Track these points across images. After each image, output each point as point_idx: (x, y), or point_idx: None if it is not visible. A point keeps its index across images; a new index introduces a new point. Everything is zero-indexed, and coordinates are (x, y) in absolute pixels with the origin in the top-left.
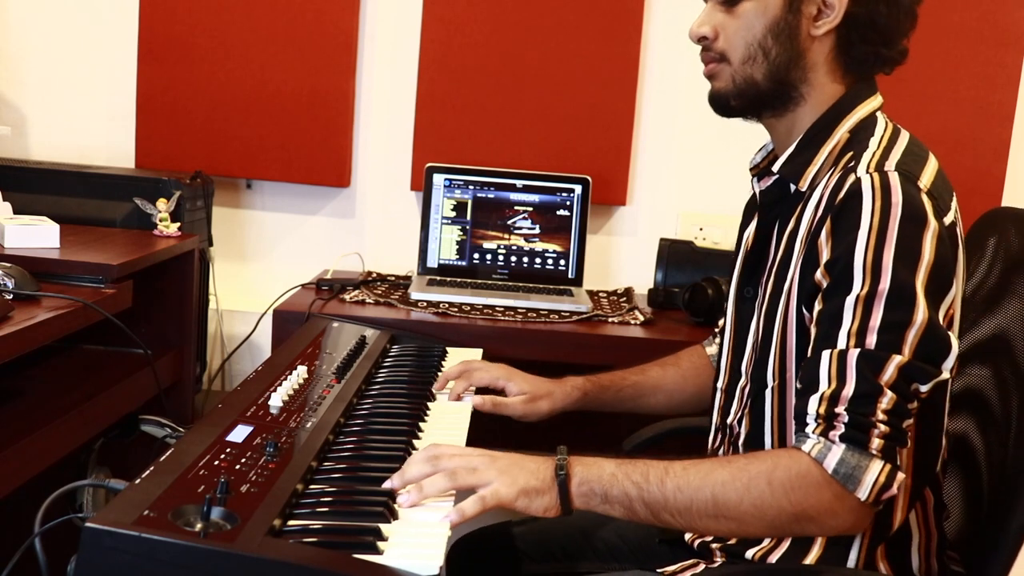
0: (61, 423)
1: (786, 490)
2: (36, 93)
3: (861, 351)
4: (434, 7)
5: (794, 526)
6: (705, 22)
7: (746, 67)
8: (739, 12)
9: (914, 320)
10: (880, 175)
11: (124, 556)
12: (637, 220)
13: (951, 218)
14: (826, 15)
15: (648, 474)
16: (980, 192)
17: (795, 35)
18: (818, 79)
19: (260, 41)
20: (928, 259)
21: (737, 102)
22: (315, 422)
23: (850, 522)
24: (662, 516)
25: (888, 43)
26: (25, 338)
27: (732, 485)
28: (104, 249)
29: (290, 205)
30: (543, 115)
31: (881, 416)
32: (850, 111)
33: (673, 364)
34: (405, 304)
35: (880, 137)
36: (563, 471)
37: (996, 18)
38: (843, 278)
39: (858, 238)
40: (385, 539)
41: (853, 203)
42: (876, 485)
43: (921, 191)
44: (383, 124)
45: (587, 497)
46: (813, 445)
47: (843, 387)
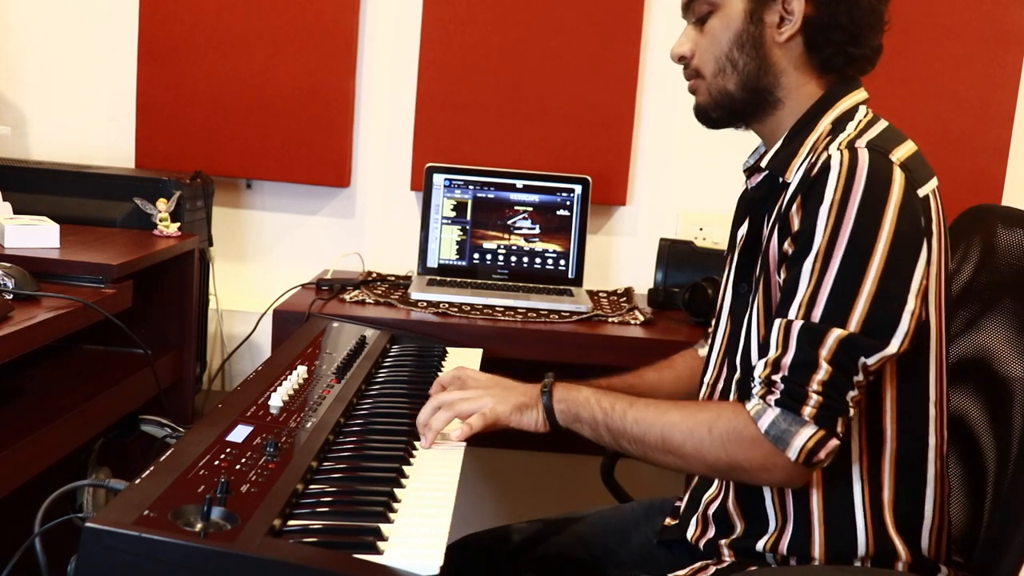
0: (61, 423)
1: (723, 441)
2: (36, 93)
3: (804, 323)
4: (434, 7)
5: (730, 473)
6: (683, 42)
7: (718, 80)
8: (707, 29)
9: (861, 292)
10: (850, 151)
11: (124, 556)
12: (637, 220)
13: (926, 191)
14: (787, 22)
15: (615, 404)
16: (980, 192)
17: (760, 44)
18: (792, 82)
19: (260, 41)
20: (890, 228)
21: (717, 113)
22: (315, 422)
23: (780, 478)
24: (621, 443)
25: (854, 42)
26: (25, 338)
27: (679, 427)
28: (104, 249)
29: (290, 205)
30: (543, 115)
31: (816, 387)
32: (832, 105)
33: (668, 367)
34: (405, 304)
35: (858, 122)
36: (547, 390)
37: (996, 18)
38: (804, 247)
39: (821, 210)
40: (385, 539)
41: (822, 177)
42: (804, 449)
43: (893, 163)
44: (383, 124)
45: (564, 414)
46: (753, 405)
47: (784, 355)
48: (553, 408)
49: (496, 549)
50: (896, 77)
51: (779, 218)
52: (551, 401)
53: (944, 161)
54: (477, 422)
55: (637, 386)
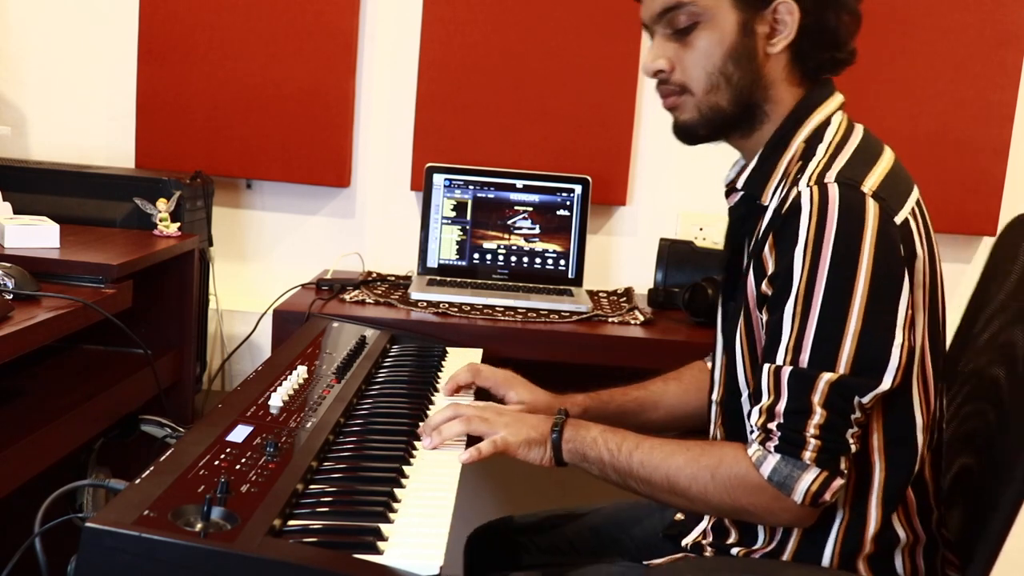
0: (61, 423)
1: (727, 487)
2: (36, 93)
3: (793, 370)
4: (434, 7)
5: (736, 516)
6: (659, 55)
7: (711, 96)
8: (694, 43)
9: (847, 332)
10: (819, 188)
11: (124, 556)
12: (637, 220)
13: (903, 215)
14: (780, 32)
15: (622, 445)
16: (980, 192)
17: (753, 56)
18: (779, 94)
19: (260, 41)
20: (867, 263)
21: (705, 130)
22: (315, 422)
23: (788, 520)
24: (628, 483)
25: (839, 46)
26: (25, 338)
27: (684, 471)
28: (104, 249)
29: (290, 205)
30: (543, 115)
31: (813, 431)
32: (806, 118)
33: (675, 379)
34: (405, 304)
35: (828, 144)
36: (557, 428)
37: (996, 18)
38: (782, 290)
39: (796, 252)
40: (385, 539)
41: (793, 218)
42: (809, 492)
43: (865, 195)
44: (383, 124)
45: (572, 454)
46: (754, 452)
47: (777, 402)
48: (561, 449)
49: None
50: (896, 77)
51: (754, 252)
52: (560, 440)
53: (944, 161)
54: (487, 448)
55: (641, 398)
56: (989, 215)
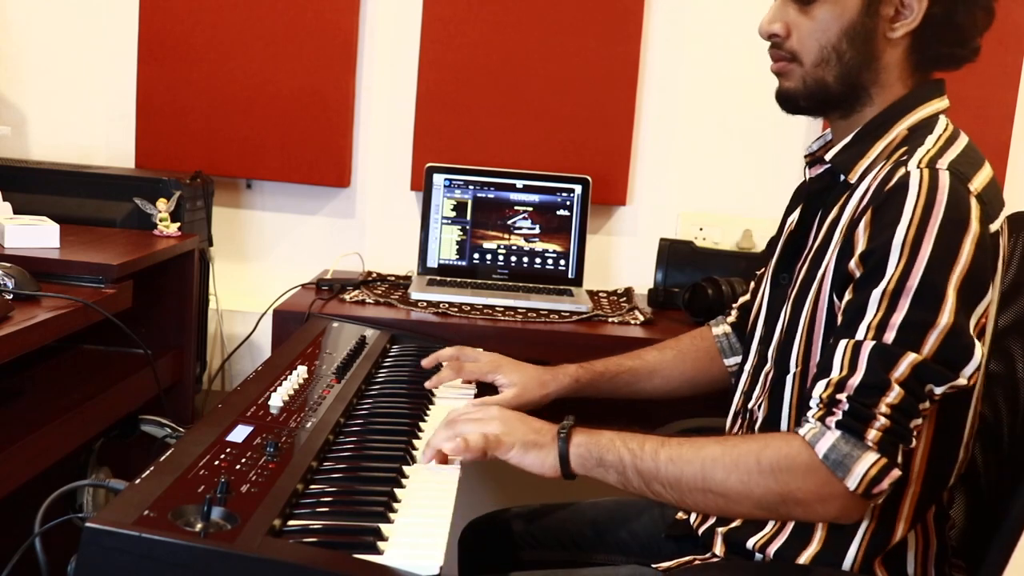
0: (61, 423)
1: (773, 470)
2: (36, 93)
3: (876, 343)
4: (434, 7)
5: (780, 508)
6: (777, 18)
7: (818, 70)
8: (814, 13)
9: (938, 322)
10: (931, 171)
11: (124, 556)
12: (637, 220)
13: (997, 227)
14: (904, 17)
15: (644, 444)
16: None
17: (871, 38)
18: (889, 79)
19: (260, 41)
20: (965, 262)
21: (807, 103)
22: (315, 422)
23: (837, 510)
24: (653, 486)
25: (963, 42)
26: (25, 338)
27: (721, 460)
28: (104, 249)
29: (290, 205)
30: (543, 115)
31: (884, 409)
32: (912, 109)
33: (672, 347)
34: (405, 304)
35: (938, 136)
36: (564, 431)
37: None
38: (875, 270)
39: (897, 231)
40: (385, 539)
41: (898, 196)
42: (867, 476)
43: (971, 193)
44: (383, 124)
45: (583, 459)
46: (809, 429)
47: (852, 375)
48: (569, 454)
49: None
50: None
51: (841, 226)
52: (567, 447)
53: None
54: (475, 440)
55: (636, 368)
56: None
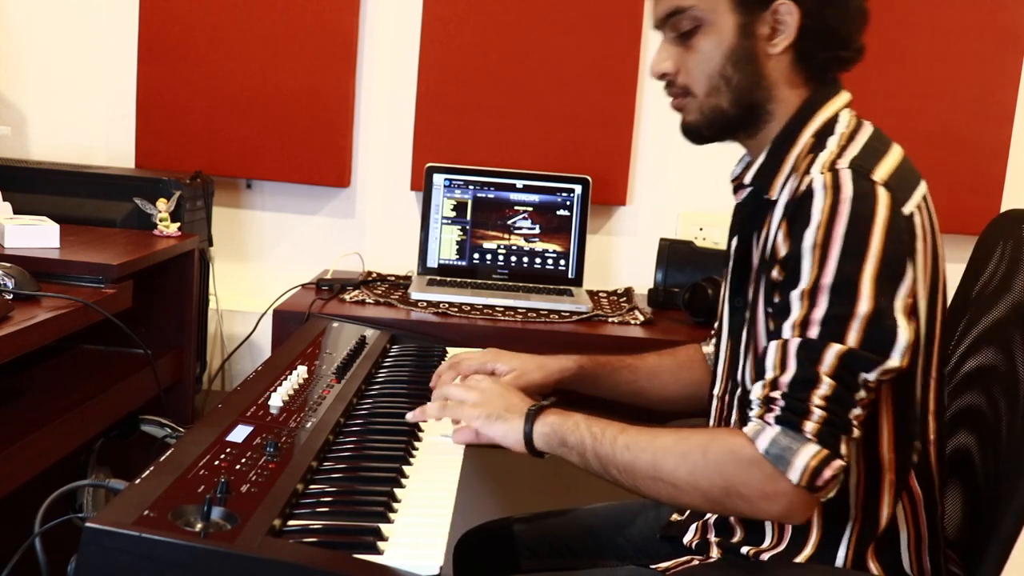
0: (61, 423)
1: (719, 464)
2: (36, 93)
3: (802, 340)
4: (434, 7)
5: (726, 501)
6: (664, 58)
7: (711, 98)
8: (695, 46)
9: (856, 312)
10: (832, 173)
11: (124, 556)
12: (637, 220)
13: (912, 207)
14: (780, 32)
15: (606, 429)
16: (980, 192)
17: (753, 58)
18: (782, 94)
19: (260, 41)
20: (876, 252)
21: (709, 131)
22: (315, 422)
23: (782, 505)
24: (610, 470)
25: (845, 45)
26: (25, 338)
27: (672, 451)
28: (104, 249)
29: (290, 205)
30: (543, 115)
31: (819, 402)
32: (813, 115)
33: (670, 355)
34: (405, 304)
35: (839, 135)
36: (535, 408)
37: (996, 18)
38: (793, 273)
39: (807, 234)
40: (385, 539)
41: (807, 202)
42: (808, 468)
43: (876, 183)
44: (383, 124)
45: (548, 438)
46: (752, 427)
47: (783, 373)
48: (534, 431)
49: (501, 543)
50: (896, 77)
51: (767, 242)
52: (533, 424)
53: (944, 161)
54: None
55: (638, 366)
56: (989, 215)
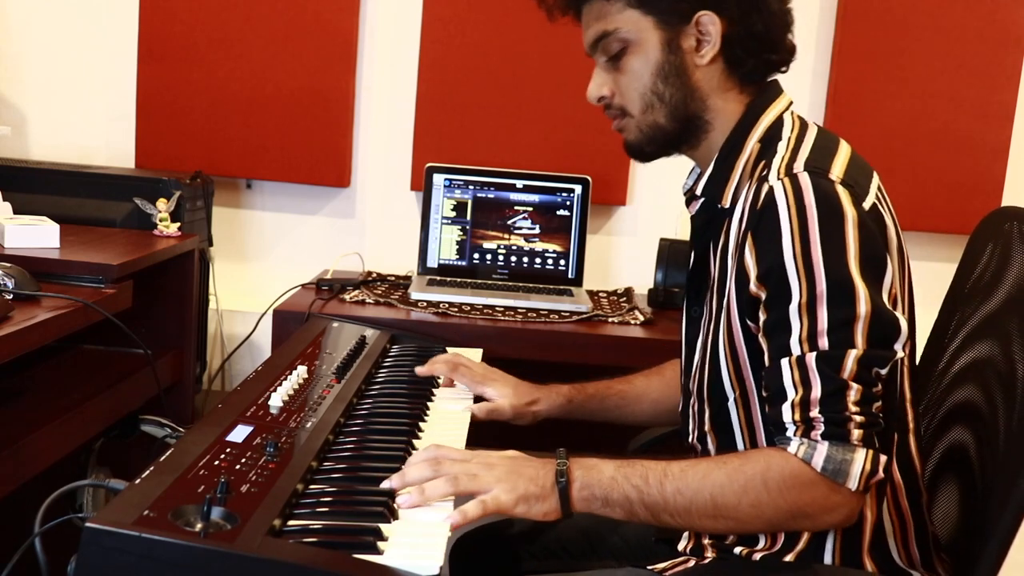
0: (61, 423)
1: (781, 490)
2: (36, 93)
3: (817, 353)
4: (434, 7)
5: (791, 523)
6: (601, 84)
7: (647, 116)
8: (625, 67)
9: (859, 313)
10: (791, 179)
11: (124, 556)
12: (637, 220)
13: (871, 200)
14: (706, 43)
15: (648, 477)
16: (980, 192)
17: (682, 72)
18: (717, 103)
19: (260, 41)
20: (855, 248)
21: (651, 148)
22: (315, 422)
23: (844, 514)
24: (662, 517)
25: (773, 48)
26: (25, 338)
27: (730, 487)
28: (104, 249)
29: (290, 205)
30: (543, 115)
31: (853, 408)
32: (756, 121)
33: (657, 374)
34: (405, 304)
35: (787, 140)
36: (564, 477)
37: (996, 18)
38: (780, 287)
39: (783, 245)
40: (385, 539)
41: (771, 212)
42: (864, 473)
43: (834, 183)
44: (383, 124)
45: (588, 501)
46: (798, 447)
47: (810, 391)
48: (572, 498)
49: (498, 545)
50: (896, 77)
51: (730, 253)
52: (569, 491)
53: (944, 161)
54: (474, 511)
55: (625, 391)
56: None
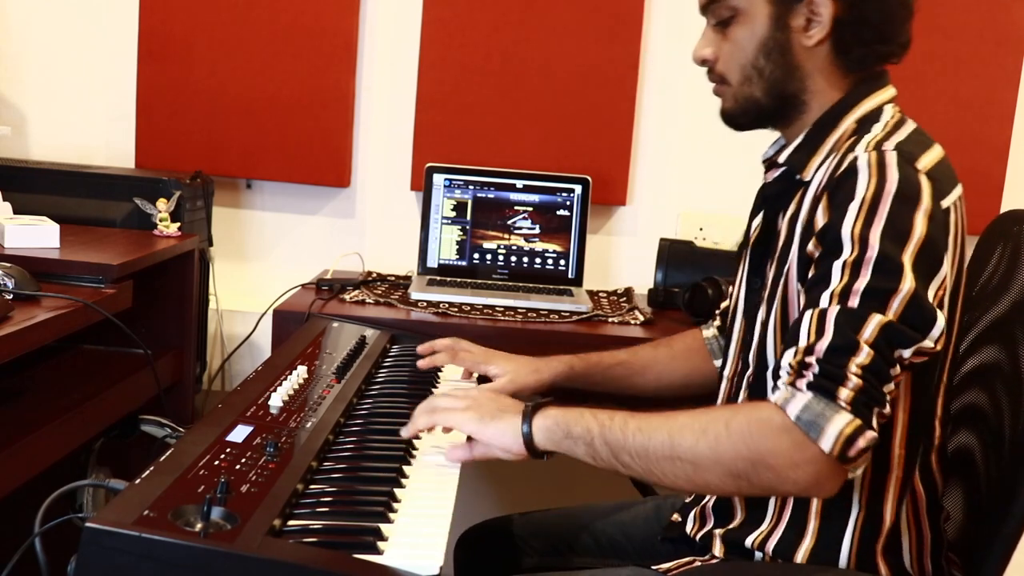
0: (61, 423)
1: (743, 434)
2: (36, 93)
3: (842, 308)
4: (434, 7)
5: (752, 474)
6: (705, 44)
7: (744, 88)
8: (731, 36)
9: (900, 288)
10: (878, 153)
11: (124, 556)
12: (637, 220)
13: (949, 203)
14: (815, 24)
15: (614, 416)
16: (980, 192)
17: (787, 50)
18: (818, 85)
19: (260, 41)
20: (918, 237)
21: (744, 119)
22: (315, 422)
23: (811, 474)
24: (621, 456)
25: (885, 39)
26: (25, 338)
27: (690, 427)
28: (104, 249)
29: (290, 205)
30: (543, 115)
31: (855, 370)
32: (856, 104)
33: (665, 345)
34: (405, 304)
35: (884, 123)
36: (532, 405)
37: (996, 18)
38: (833, 245)
39: (849, 209)
40: (385, 539)
41: (850, 178)
42: (841, 436)
43: (919, 171)
44: (383, 124)
45: (550, 431)
46: (780, 394)
47: (820, 340)
48: (533, 426)
49: (500, 540)
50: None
51: (800, 220)
52: (531, 419)
53: None
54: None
55: (629, 361)
56: (989, 215)
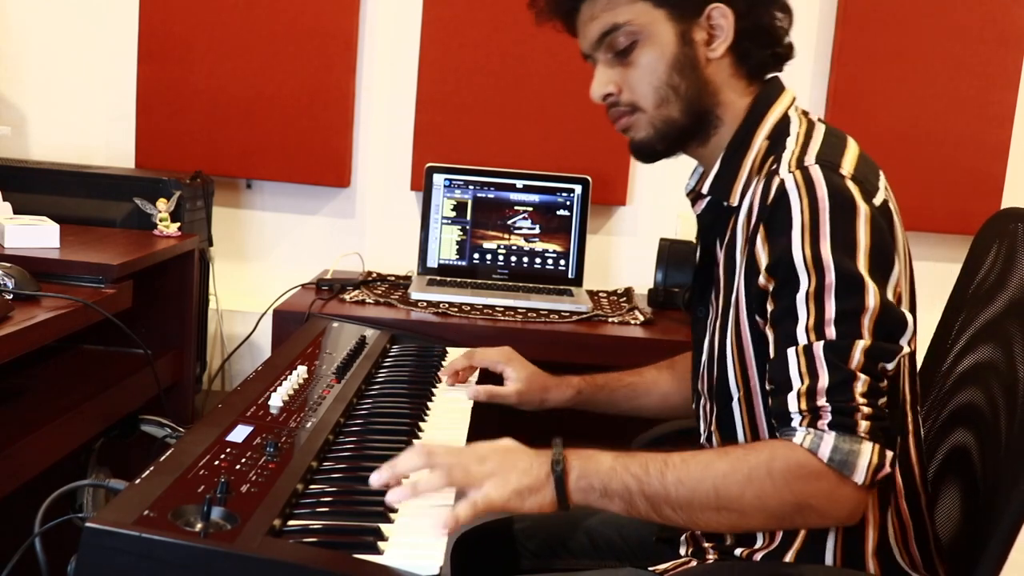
0: (61, 423)
1: (787, 480)
2: (36, 93)
3: (825, 342)
4: (434, 7)
5: (796, 517)
6: (606, 81)
7: (661, 110)
8: (636, 61)
9: (867, 306)
10: (802, 171)
11: (124, 556)
12: (637, 220)
13: (880, 197)
14: (718, 37)
15: (648, 467)
16: (980, 192)
17: (696, 65)
18: (728, 97)
19: (260, 41)
20: (865, 243)
21: (663, 145)
22: (315, 422)
23: (850, 508)
24: (663, 510)
25: (778, 42)
26: (25, 338)
27: (733, 477)
28: (104, 249)
29: (290, 205)
30: (543, 115)
31: (860, 400)
32: (763, 117)
33: (668, 367)
34: (405, 304)
35: (796, 135)
36: (560, 466)
37: (996, 18)
38: (788, 278)
39: (792, 237)
40: (385, 539)
41: (782, 204)
42: (870, 467)
43: (845, 178)
44: (383, 124)
45: (585, 492)
46: (804, 436)
47: (817, 380)
48: (569, 489)
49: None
50: (896, 77)
51: (738, 248)
52: (566, 482)
53: (944, 161)
54: (465, 513)
55: (635, 383)
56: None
